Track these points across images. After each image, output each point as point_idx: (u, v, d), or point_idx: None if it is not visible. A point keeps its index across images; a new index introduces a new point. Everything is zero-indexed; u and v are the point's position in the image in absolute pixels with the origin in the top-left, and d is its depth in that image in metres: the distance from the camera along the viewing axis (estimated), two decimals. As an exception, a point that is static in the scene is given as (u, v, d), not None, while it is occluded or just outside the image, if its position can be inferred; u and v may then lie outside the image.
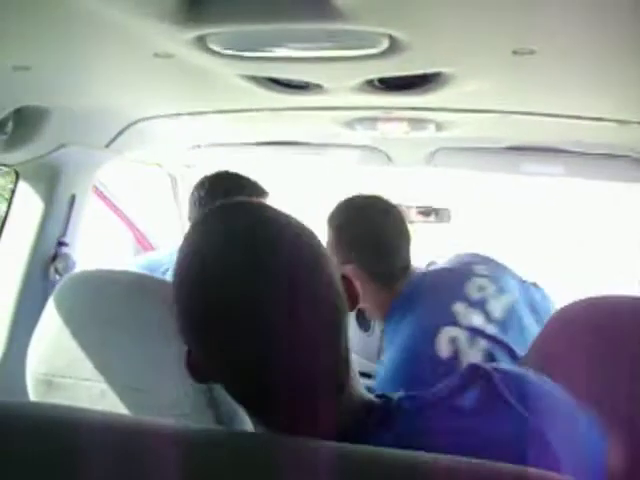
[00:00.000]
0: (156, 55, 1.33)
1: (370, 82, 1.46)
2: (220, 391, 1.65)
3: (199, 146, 2.60)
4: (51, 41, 1.33)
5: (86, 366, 1.73)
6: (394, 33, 1.08)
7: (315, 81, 1.44)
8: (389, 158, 2.67)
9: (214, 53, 1.19)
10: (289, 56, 1.19)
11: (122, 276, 1.81)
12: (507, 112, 1.83)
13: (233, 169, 2.18)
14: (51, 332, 1.79)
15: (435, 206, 2.93)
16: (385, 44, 1.12)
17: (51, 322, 1.79)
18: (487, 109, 1.80)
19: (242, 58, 1.22)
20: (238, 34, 1.10)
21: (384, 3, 0.98)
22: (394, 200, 1.96)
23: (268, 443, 0.83)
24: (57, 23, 1.20)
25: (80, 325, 1.76)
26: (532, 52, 1.27)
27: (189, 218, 2.17)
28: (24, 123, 1.78)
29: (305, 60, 1.22)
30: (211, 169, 3.00)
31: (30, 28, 1.24)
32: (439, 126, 2.14)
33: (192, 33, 1.11)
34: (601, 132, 2.00)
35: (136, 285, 1.76)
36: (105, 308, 1.74)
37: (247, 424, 1.58)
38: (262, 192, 2.14)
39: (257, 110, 1.88)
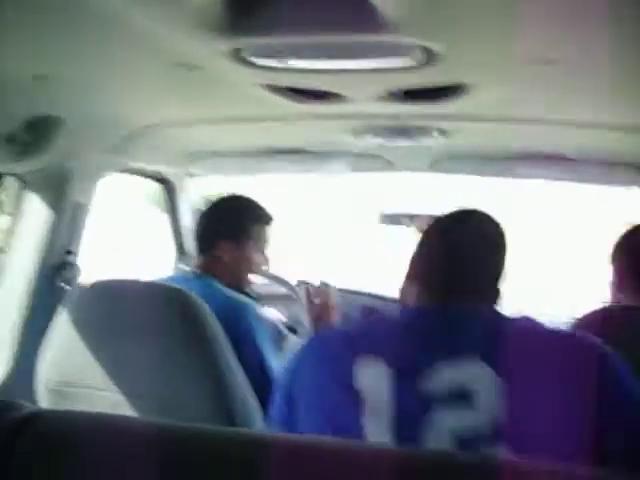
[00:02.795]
0: (177, 64, 1.34)
1: (392, 92, 1.47)
2: (235, 397, 1.68)
3: (203, 154, 2.59)
4: (73, 50, 1.33)
5: (99, 375, 1.73)
6: (431, 45, 1.10)
7: (338, 91, 1.45)
8: (391, 164, 2.68)
9: (246, 63, 1.19)
10: (322, 68, 1.20)
11: (135, 285, 1.81)
12: (519, 120, 1.86)
13: (236, 180, 2.21)
14: (63, 341, 1.78)
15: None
16: (420, 56, 1.14)
17: (63, 331, 1.78)
18: (499, 118, 1.82)
19: (273, 69, 1.22)
20: (274, 45, 1.11)
21: (424, 16, 0.99)
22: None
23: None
24: (81, 32, 1.20)
25: (94, 334, 1.76)
26: (551, 62, 1.29)
27: (197, 241, 2.17)
28: (36, 132, 1.77)
29: (335, 71, 1.23)
30: (213, 179, 3.03)
31: (53, 37, 1.24)
32: (447, 134, 2.16)
33: (228, 44, 1.11)
34: (609, 139, 2.03)
35: (150, 293, 1.76)
36: (119, 317, 1.74)
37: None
38: (267, 218, 2.17)
39: (271, 119, 1.89)
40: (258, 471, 0.77)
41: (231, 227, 2.11)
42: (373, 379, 1.16)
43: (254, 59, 1.17)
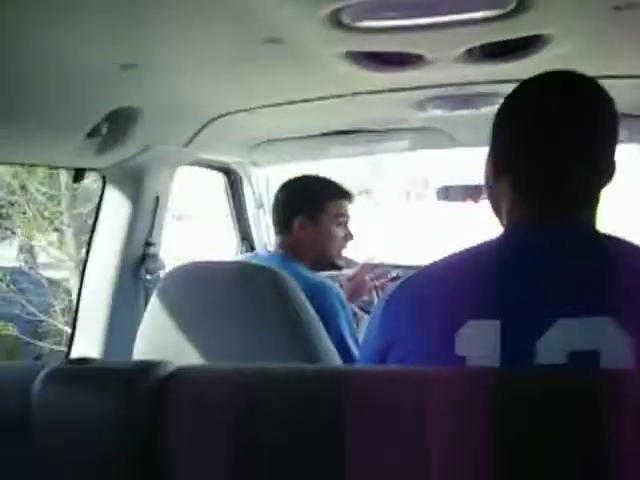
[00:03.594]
0: (265, 40, 1.37)
1: (471, 51, 1.49)
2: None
3: (267, 142, 2.63)
4: (158, 35, 1.36)
5: (195, 356, 1.76)
6: None
7: (419, 51, 1.47)
8: (452, 139, 2.70)
9: (336, 26, 1.22)
10: (411, 24, 1.22)
11: (224, 265, 1.84)
12: (596, 76, 1.86)
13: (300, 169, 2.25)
14: (157, 327, 1.82)
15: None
16: (513, 4, 1.15)
17: (156, 317, 1.82)
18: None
19: (361, 30, 1.25)
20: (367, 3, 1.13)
21: None
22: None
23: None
24: (166, 14, 1.24)
25: (186, 317, 1.79)
26: (633, 6, 1.29)
27: (273, 222, 2.21)
28: (116, 125, 1.82)
29: (422, 27, 1.25)
30: (279, 168, 3.08)
31: (139, 23, 1.27)
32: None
33: (325, 8, 1.14)
34: None
35: (239, 273, 1.79)
36: (210, 298, 1.77)
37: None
38: (345, 194, 2.20)
39: (343, 94, 1.92)
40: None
41: (305, 204, 2.14)
42: (479, 345, 0.98)
43: (346, 19, 1.19)
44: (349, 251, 2.54)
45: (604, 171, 1.11)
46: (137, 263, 2.22)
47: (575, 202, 1.08)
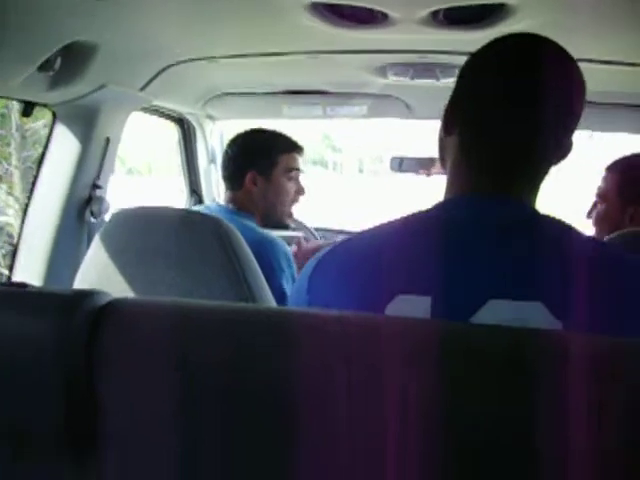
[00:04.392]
0: None
1: (435, 14, 1.49)
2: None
3: (223, 95, 2.61)
4: None
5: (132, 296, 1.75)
6: None
7: (384, 9, 1.46)
8: (410, 109, 2.70)
9: None
10: None
11: (170, 212, 1.82)
12: None
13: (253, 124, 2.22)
14: (97, 269, 1.80)
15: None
16: None
17: (97, 259, 1.80)
18: None
19: None
20: None
21: None
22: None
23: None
24: None
25: (128, 261, 1.78)
26: None
27: (223, 176, 2.18)
28: (71, 60, 1.78)
29: None
30: (234, 124, 3.05)
31: None
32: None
33: None
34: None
35: (184, 219, 1.78)
36: (153, 243, 1.75)
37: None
38: (297, 147, 2.18)
39: (302, 51, 1.90)
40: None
41: (257, 158, 2.12)
42: None
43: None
44: (298, 212, 2.55)
45: (560, 148, 1.08)
46: (82, 205, 2.18)
47: (521, 177, 1.05)
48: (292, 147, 2.16)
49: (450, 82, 2.26)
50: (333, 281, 1.04)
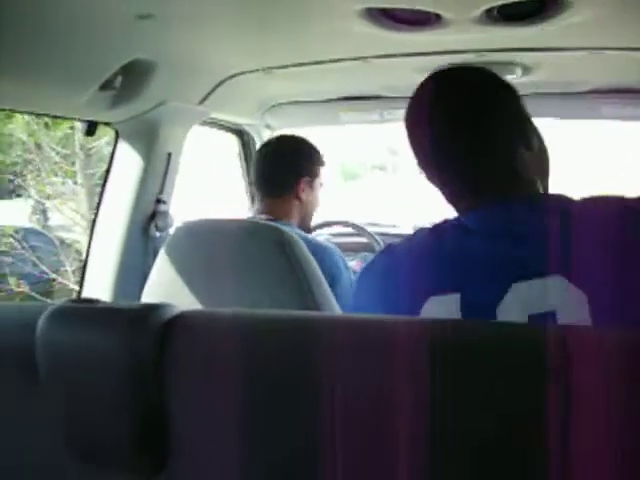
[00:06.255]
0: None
1: (489, 12, 1.48)
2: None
3: (281, 105, 2.63)
4: None
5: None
6: None
7: (436, 10, 1.45)
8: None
9: None
10: None
11: (233, 223, 1.84)
12: (607, 48, 1.84)
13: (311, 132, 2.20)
14: (164, 282, 1.83)
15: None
16: None
17: (163, 272, 1.83)
18: (587, 46, 1.81)
19: None
20: None
21: None
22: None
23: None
24: None
25: (193, 273, 1.80)
26: None
27: (263, 181, 2.10)
28: (131, 78, 1.82)
29: None
30: (291, 131, 3.07)
31: None
32: (526, 69, 2.16)
33: None
34: None
35: (247, 231, 1.79)
36: (217, 255, 1.77)
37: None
38: (318, 160, 2.15)
39: (357, 57, 1.91)
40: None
41: (310, 166, 2.10)
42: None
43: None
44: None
45: (532, 147, 1.14)
46: (147, 220, 2.22)
47: (507, 182, 1.11)
48: (323, 160, 2.17)
49: (510, 79, 2.24)
50: (376, 293, 1.12)
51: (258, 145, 3.00)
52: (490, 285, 1.00)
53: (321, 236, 2.68)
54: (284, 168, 2.10)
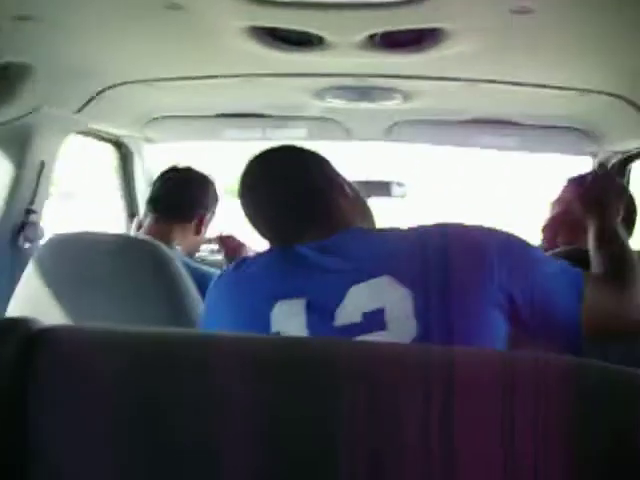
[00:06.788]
0: (166, 6, 1.34)
1: (372, 37, 1.51)
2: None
3: (162, 118, 2.59)
4: None
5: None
6: None
7: (320, 32, 1.47)
8: (348, 132, 2.73)
9: None
10: (310, 1, 1.23)
11: (105, 237, 1.79)
12: (482, 80, 1.93)
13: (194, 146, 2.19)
14: (31, 296, 1.76)
15: (389, 180, 2.98)
16: None
17: (30, 286, 1.76)
18: (468, 74, 1.88)
19: (261, 3, 1.24)
20: None
21: None
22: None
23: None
24: None
25: (62, 287, 1.73)
26: (530, 11, 1.34)
27: (167, 207, 2.10)
28: (3, 82, 1.74)
29: (322, 6, 1.26)
30: (172, 145, 3.03)
31: None
32: (408, 97, 2.22)
33: None
34: (561, 102, 2.11)
35: (120, 245, 1.75)
36: (89, 269, 1.71)
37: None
38: (217, 199, 2.21)
39: (240, 75, 1.91)
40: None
41: (210, 202, 2.16)
42: (289, 320, 1.14)
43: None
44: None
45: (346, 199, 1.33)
46: (16, 230, 2.13)
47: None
48: (205, 186, 2.23)
49: (388, 105, 2.30)
50: (226, 297, 1.27)
51: (136, 158, 2.95)
52: (332, 290, 1.14)
53: (203, 252, 2.70)
54: (188, 197, 2.12)
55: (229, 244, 2.43)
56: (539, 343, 1.15)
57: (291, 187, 1.30)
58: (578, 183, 1.78)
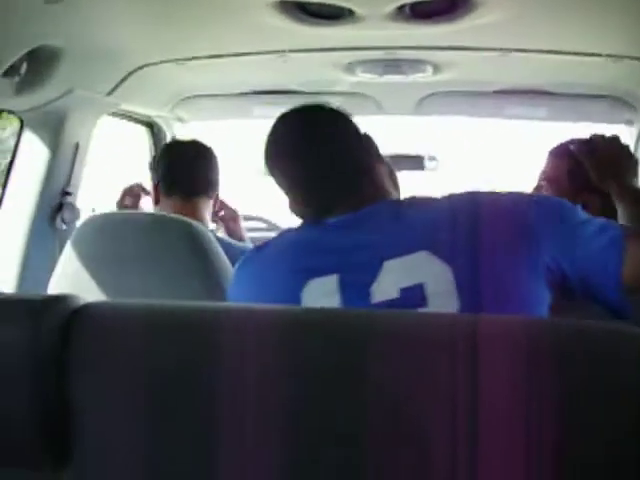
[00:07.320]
0: None
1: (402, 9, 1.50)
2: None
3: (193, 97, 2.60)
4: None
5: (106, 302, 1.73)
6: None
7: (350, 6, 1.46)
8: (379, 105, 2.71)
9: None
10: None
11: (140, 216, 1.82)
12: (514, 50, 1.90)
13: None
14: (70, 275, 1.79)
15: (421, 154, 2.97)
16: None
17: (69, 265, 1.78)
18: (495, 47, 1.86)
19: None
20: None
21: None
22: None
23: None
24: None
25: (99, 266, 1.76)
26: None
27: (195, 180, 2.01)
28: (37, 65, 1.76)
29: None
30: (203, 124, 3.03)
31: None
32: (436, 68, 2.20)
33: None
34: (595, 69, 2.08)
35: (155, 223, 1.77)
36: (124, 247, 1.73)
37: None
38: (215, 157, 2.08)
39: (269, 51, 1.90)
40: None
41: (217, 182, 2.07)
42: (325, 299, 1.12)
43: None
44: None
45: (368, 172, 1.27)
46: (53, 212, 2.16)
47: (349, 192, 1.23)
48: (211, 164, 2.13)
49: (418, 77, 2.28)
50: (253, 278, 1.24)
51: (169, 138, 2.96)
52: (365, 266, 1.11)
53: None
54: (210, 174, 2.04)
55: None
56: (579, 307, 1.13)
57: (330, 152, 1.25)
58: (568, 155, 1.73)
